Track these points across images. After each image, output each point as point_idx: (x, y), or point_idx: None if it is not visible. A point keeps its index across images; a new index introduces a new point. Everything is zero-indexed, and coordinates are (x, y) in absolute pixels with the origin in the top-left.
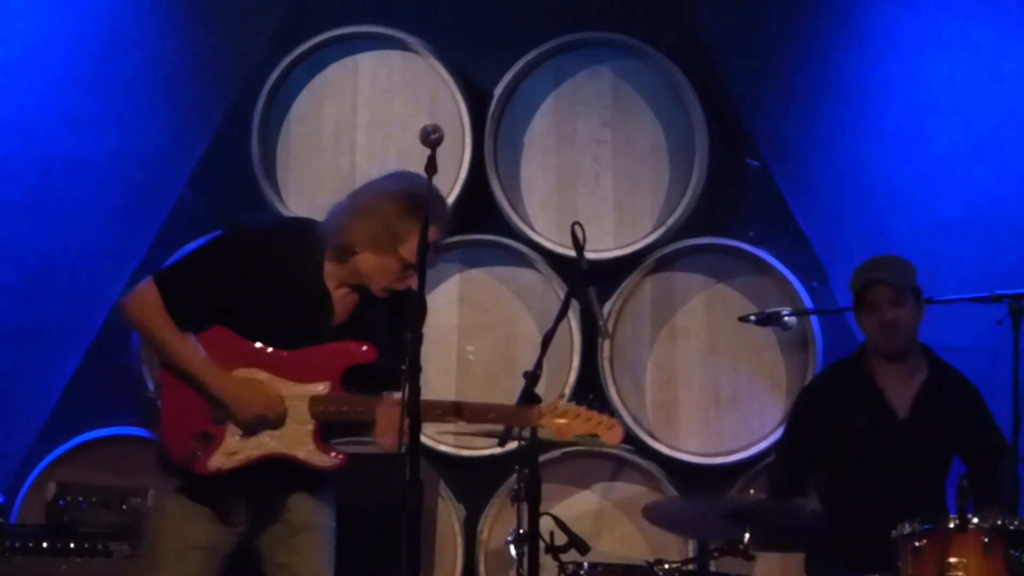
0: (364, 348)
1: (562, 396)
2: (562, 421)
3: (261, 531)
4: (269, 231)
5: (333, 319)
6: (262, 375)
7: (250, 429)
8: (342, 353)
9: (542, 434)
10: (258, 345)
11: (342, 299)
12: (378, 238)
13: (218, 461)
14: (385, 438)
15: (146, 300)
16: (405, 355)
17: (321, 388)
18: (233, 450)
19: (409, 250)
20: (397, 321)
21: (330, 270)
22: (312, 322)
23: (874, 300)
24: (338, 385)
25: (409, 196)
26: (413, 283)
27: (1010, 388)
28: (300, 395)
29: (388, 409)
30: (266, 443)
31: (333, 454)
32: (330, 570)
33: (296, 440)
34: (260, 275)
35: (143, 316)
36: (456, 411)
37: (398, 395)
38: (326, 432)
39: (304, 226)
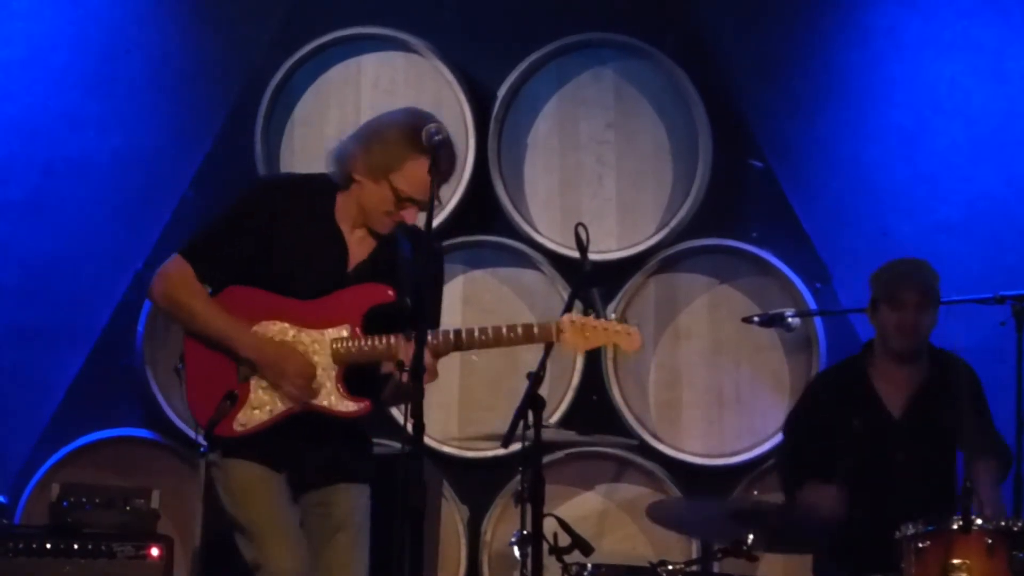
0: (384, 289)
1: (588, 312)
2: (582, 334)
3: (302, 505)
4: (282, 180)
5: (348, 262)
6: (284, 325)
7: (284, 390)
8: (361, 295)
9: (565, 347)
10: (278, 296)
11: (359, 242)
12: (372, 164)
13: (243, 418)
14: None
15: (174, 274)
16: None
17: (343, 331)
18: (258, 404)
19: (403, 179)
20: (421, 259)
21: (341, 209)
22: (328, 266)
23: (902, 300)
24: (359, 327)
25: (409, 126)
26: (410, 216)
27: (1013, 388)
28: (322, 341)
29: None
30: (296, 397)
31: (357, 400)
32: (365, 572)
33: (319, 388)
34: (276, 223)
35: (173, 290)
36: (469, 337)
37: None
38: (351, 379)
39: (318, 175)
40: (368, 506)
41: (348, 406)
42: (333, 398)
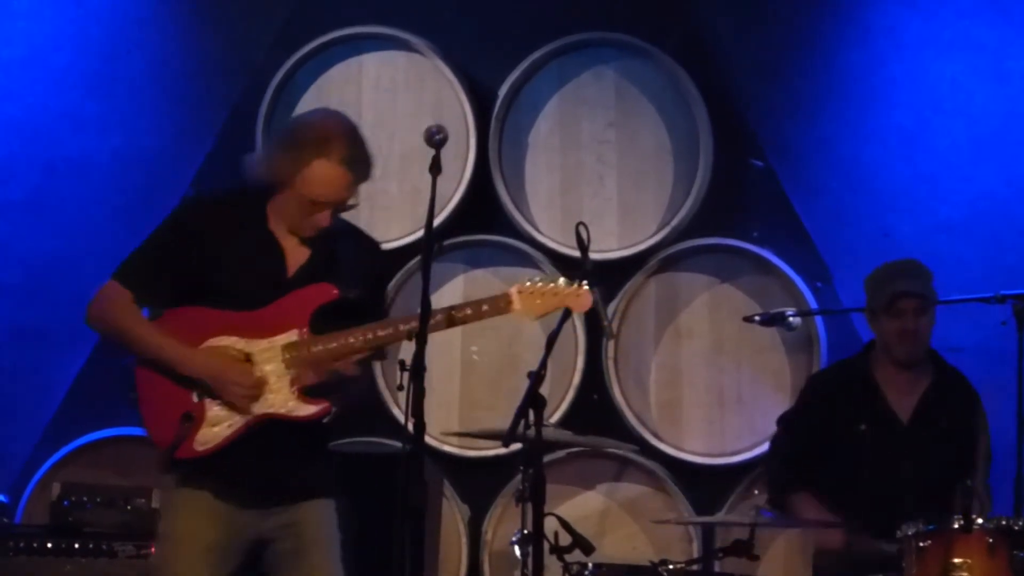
0: (327, 288)
1: (529, 280)
2: (532, 301)
3: (269, 530)
4: (215, 196)
5: (287, 267)
6: (233, 339)
7: (232, 401)
8: (305, 298)
9: (517, 317)
10: (223, 311)
11: (296, 247)
12: (277, 172)
13: (203, 438)
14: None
15: (110, 298)
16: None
17: (292, 336)
18: (215, 421)
19: (306, 184)
20: (360, 255)
21: (273, 218)
22: (268, 274)
23: (900, 308)
24: (307, 330)
25: (306, 128)
26: (323, 219)
27: (1014, 388)
28: (272, 348)
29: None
30: (247, 407)
31: (314, 402)
32: None
33: (277, 397)
34: (210, 238)
35: (109, 314)
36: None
37: None
38: (307, 384)
39: (249, 187)
40: (335, 520)
41: (307, 409)
42: (291, 403)
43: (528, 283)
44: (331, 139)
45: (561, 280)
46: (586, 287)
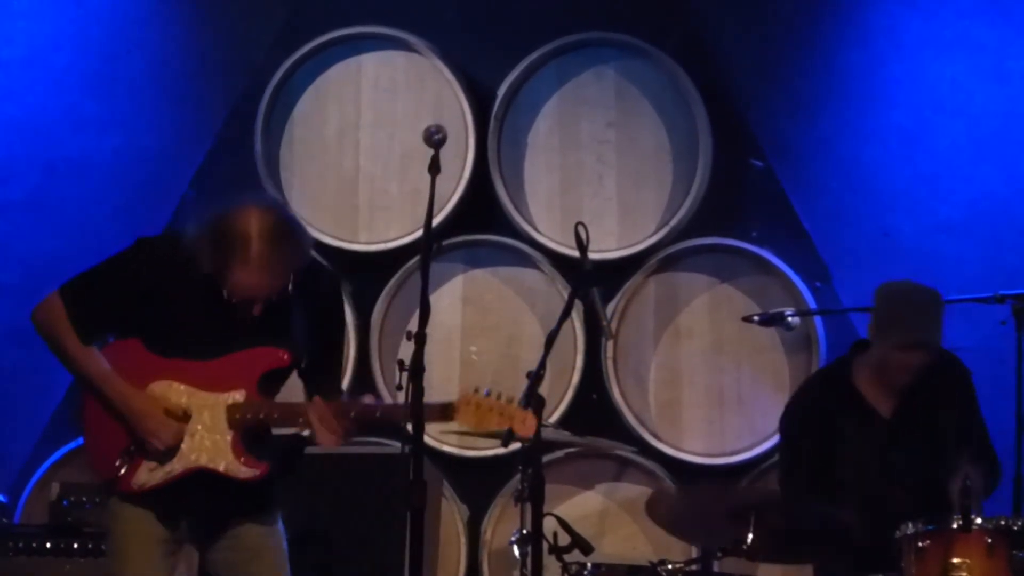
0: (279, 353)
1: (476, 390)
2: (475, 417)
3: (208, 548)
4: (172, 242)
5: (238, 323)
6: (177, 385)
7: (144, 445)
8: (257, 359)
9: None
10: (171, 358)
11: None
12: (207, 270)
13: (141, 478)
14: (326, 438)
15: (51, 310)
16: (327, 355)
17: (237, 396)
18: (153, 466)
19: (231, 285)
20: (314, 321)
21: None
22: (218, 326)
23: (907, 355)
24: (255, 391)
25: (219, 227)
26: (257, 309)
27: (1013, 388)
28: (217, 404)
29: (319, 411)
30: (185, 457)
31: (254, 465)
32: None
33: (216, 452)
34: (162, 285)
35: (48, 325)
36: (345, 411)
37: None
38: (248, 441)
39: None
40: (283, 541)
41: (244, 472)
42: (229, 462)
43: (472, 398)
44: (244, 241)
45: (512, 402)
46: (530, 413)
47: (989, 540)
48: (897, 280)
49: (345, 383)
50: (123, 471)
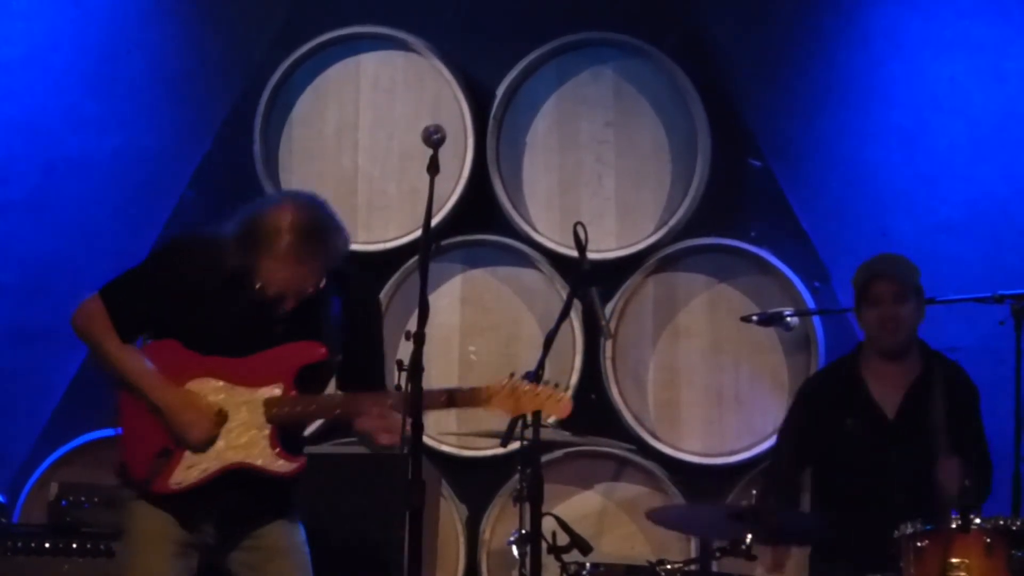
0: (316, 347)
1: (512, 375)
2: (511, 400)
3: (230, 549)
4: (209, 241)
5: (274, 320)
6: (215, 382)
7: (182, 439)
8: (293, 354)
9: (494, 410)
10: (209, 355)
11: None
12: (238, 267)
13: (178, 476)
14: (386, 437)
15: (92, 313)
16: (360, 353)
17: (275, 391)
18: (191, 463)
19: (260, 279)
20: (352, 319)
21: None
22: (254, 323)
23: (877, 294)
24: (292, 386)
25: (251, 222)
26: (290, 305)
27: (1012, 388)
28: (254, 400)
29: (376, 408)
30: (223, 453)
31: (291, 459)
32: None
33: (253, 447)
34: (199, 283)
35: (89, 327)
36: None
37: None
38: (285, 437)
39: None
40: (304, 539)
41: (283, 466)
42: (267, 457)
43: (506, 383)
44: (276, 235)
45: (546, 382)
46: (565, 395)
47: (988, 540)
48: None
49: None
50: (160, 472)
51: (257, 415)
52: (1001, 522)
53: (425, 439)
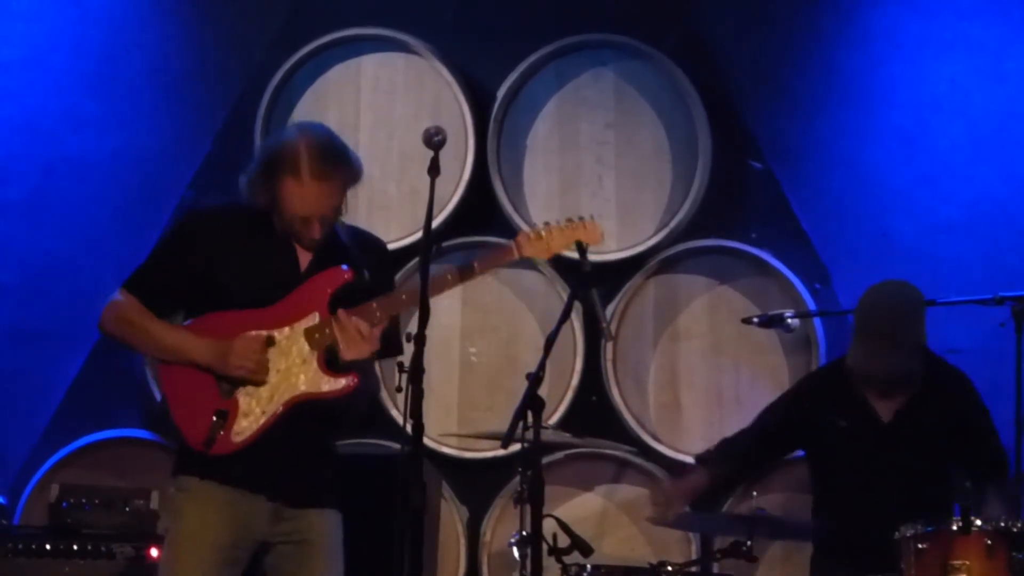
0: (341, 272)
1: (533, 225)
2: (543, 243)
3: (277, 539)
4: (222, 206)
5: (300, 265)
6: (260, 332)
7: (244, 378)
8: (320, 283)
9: (528, 257)
10: (242, 311)
11: (303, 250)
12: (258, 198)
13: (239, 429)
14: (353, 350)
15: (123, 306)
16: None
17: (312, 319)
18: (248, 411)
19: (283, 203)
20: (367, 248)
21: (276, 224)
22: (282, 273)
23: (877, 340)
24: (327, 312)
25: (269, 148)
26: (315, 231)
27: (1013, 390)
28: (295, 334)
29: (343, 324)
30: (276, 392)
31: (337, 377)
32: None
33: (304, 378)
34: (217, 245)
35: (121, 321)
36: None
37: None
38: (332, 360)
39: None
40: (340, 534)
41: (336, 384)
42: (320, 381)
43: (533, 229)
44: (295, 156)
45: (572, 218)
46: (594, 221)
47: (988, 541)
48: (882, 284)
49: None
50: (219, 434)
51: (303, 347)
52: (1002, 523)
53: (426, 441)
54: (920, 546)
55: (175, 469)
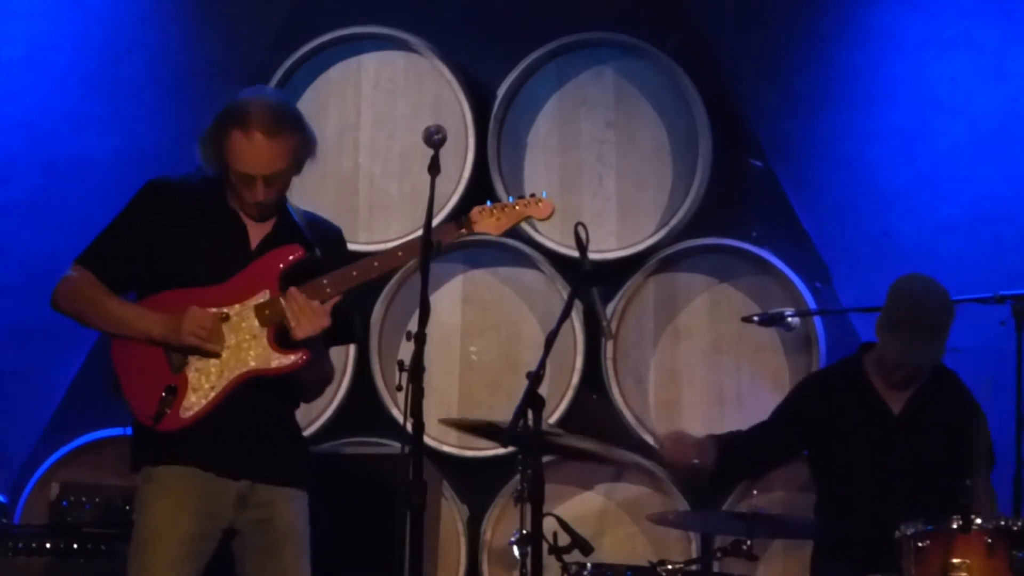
0: (292, 248)
1: (484, 202)
2: (492, 219)
3: (245, 526)
4: (180, 177)
5: (250, 241)
6: (210, 311)
7: (197, 347)
8: (272, 260)
9: (480, 232)
10: (193, 288)
11: (256, 225)
12: (210, 153)
13: (187, 404)
14: (303, 327)
15: (76, 282)
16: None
17: (262, 297)
18: (197, 386)
19: (229, 156)
20: (322, 233)
21: (230, 198)
22: (232, 249)
23: (910, 338)
24: (277, 289)
25: (227, 104)
26: (255, 194)
27: (1013, 388)
28: (246, 311)
29: (293, 302)
30: (228, 366)
31: (286, 353)
32: None
33: (254, 354)
34: (170, 218)
35: (79, 290)
36: (367, 267)
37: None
38: (282, 337)
39: (208, 173)
40: (307, 514)
41: (285, 360)
42: (270, 357)
43: (483, 207)
44: (246, 110)
45: (522, 196)
46: (544, 197)
47: (989, 540)
48: (913, 278)
49: (345, 382)
50: (167, 410)
51: (252, 324)
52: (1002, 522)
53: (426, 439)
54: (921, 544)
55: (133, 464)
